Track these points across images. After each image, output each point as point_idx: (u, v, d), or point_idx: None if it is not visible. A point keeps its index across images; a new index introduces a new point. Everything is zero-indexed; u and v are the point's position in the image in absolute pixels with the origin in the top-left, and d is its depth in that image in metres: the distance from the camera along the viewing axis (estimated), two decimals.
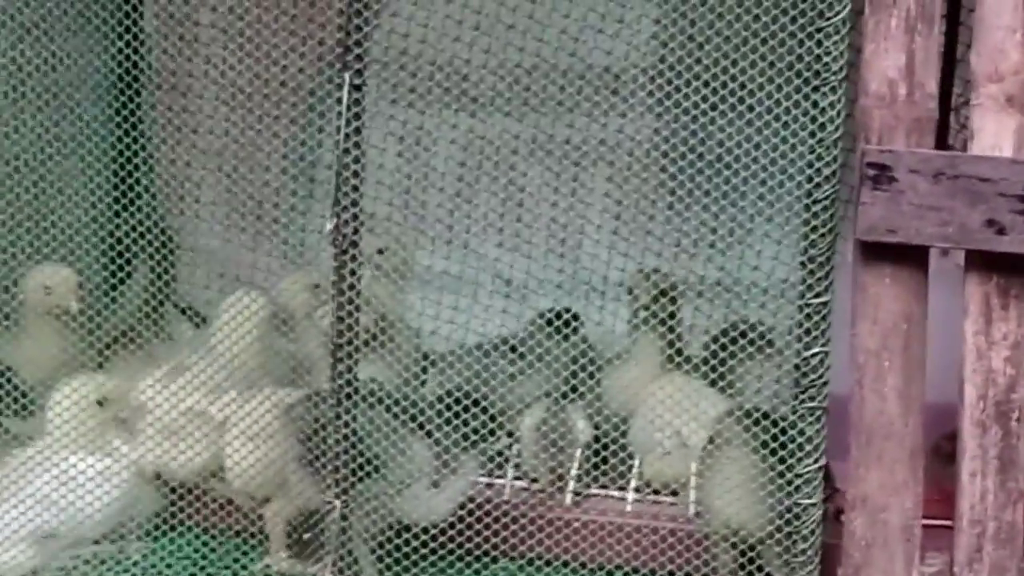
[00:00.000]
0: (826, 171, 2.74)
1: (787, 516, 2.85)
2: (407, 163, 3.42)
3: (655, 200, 3.45)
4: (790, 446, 2.83)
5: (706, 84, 2.94)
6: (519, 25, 3.08)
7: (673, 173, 3.26)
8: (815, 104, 2.72)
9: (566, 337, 3.65)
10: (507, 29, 3.09)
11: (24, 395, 3.43)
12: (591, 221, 3.41)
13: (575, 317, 3.65)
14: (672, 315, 3.54)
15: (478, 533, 3.19)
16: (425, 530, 3.12)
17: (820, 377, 2.79)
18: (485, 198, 3.52)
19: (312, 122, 3.72)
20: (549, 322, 3.63)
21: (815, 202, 2.75)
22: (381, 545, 3.11)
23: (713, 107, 2.93)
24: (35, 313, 3.58)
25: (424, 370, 3.66)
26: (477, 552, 3.27)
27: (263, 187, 3.63)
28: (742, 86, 2.95)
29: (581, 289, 3.57)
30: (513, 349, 3.57)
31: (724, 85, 2.93)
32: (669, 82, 2.97)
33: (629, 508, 3.39)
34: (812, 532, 2.84)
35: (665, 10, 3.30)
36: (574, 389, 3.46)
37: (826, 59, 2.71)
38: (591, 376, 3.43)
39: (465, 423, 3.15)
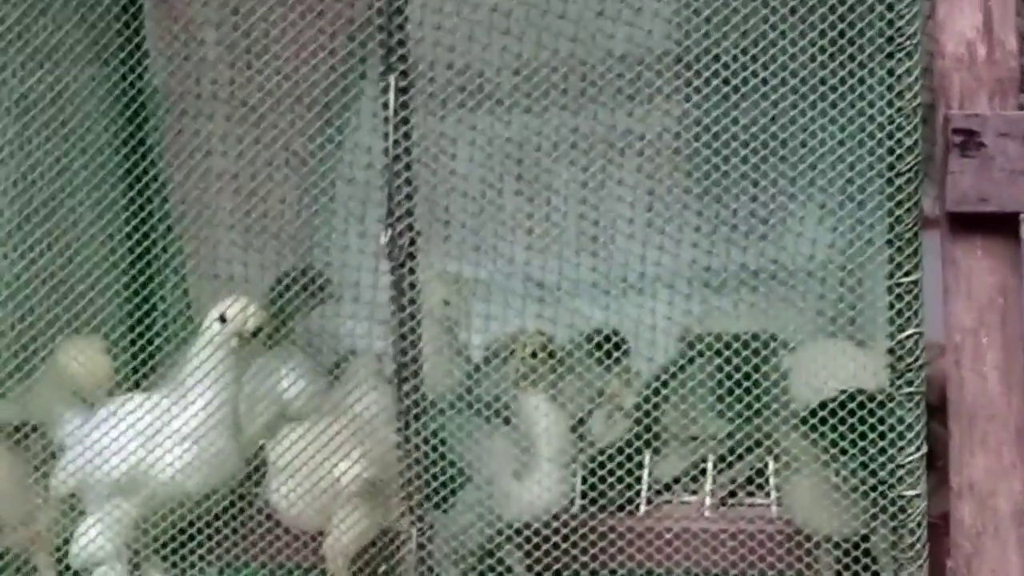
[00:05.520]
0: (907, 141, 2.60)
1: (891, 510, 2.70)
2: (429, 170, 3.27)
3: (688, 189, 3.32)
4: (889, 435, 2.68)
5: (744, 66, 2.80)
6: (533, 19, 2.96)
7: (702, 161, 3.12)
8: (890, 72, 2.58)
9: (617, 360, 3.47)
10: (521, 25, 2.96)
11: None
12: (622, 215, 3.27)
13: (623, 341, 3.46)
14: None
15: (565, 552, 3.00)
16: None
17: (916, 360, 2.64)
18: (511, 200, 3.37)
19: (329, 135, 3.56)
20: (599, 346, 3.45)
21: (898, 175, 2.61)
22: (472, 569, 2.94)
23: (754, 88, 2.80)
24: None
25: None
26: (565, 572, 3.10)
27: (281, 206, 3.48)
28: (787, 63, 2.80)
29: (616, 287, 3.42)
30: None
31: (766, 65, 2.79)
32: (707, 67, 2.83)
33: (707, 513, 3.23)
34: (918, 525, 2.69)
35: None
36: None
37: (899, 24, 2.57)
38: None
39: None
